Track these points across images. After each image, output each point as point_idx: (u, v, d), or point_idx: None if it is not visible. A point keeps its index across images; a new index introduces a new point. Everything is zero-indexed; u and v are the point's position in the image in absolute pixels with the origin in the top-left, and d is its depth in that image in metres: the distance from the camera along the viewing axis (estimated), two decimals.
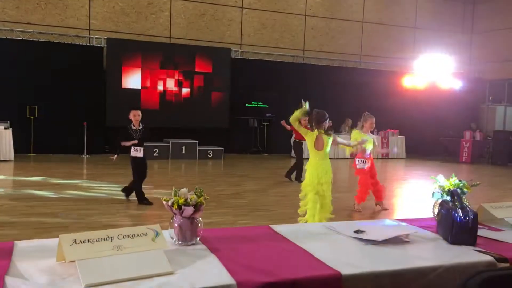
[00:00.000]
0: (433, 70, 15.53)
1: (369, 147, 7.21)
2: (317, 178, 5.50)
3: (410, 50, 17.79)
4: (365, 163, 7.23)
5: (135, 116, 7.09)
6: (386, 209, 7.53)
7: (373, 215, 7.27)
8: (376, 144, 7.61)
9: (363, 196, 7.49)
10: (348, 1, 17.21)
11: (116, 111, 13.61)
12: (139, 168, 7.20)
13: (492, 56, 18.20)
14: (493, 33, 18.31)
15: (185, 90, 14.71)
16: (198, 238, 2.15)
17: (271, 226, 2.55)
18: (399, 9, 17.98)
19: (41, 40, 13.27)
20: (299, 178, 9.76)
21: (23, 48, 12.90)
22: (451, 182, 2.60)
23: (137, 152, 7.08)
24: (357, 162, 7.33)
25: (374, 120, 7.31)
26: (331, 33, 17.09)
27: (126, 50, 13.86)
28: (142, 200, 7.20)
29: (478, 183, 2.75)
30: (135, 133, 7.08)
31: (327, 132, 5.57)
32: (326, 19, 16.94)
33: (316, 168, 5.52)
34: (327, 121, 5.59)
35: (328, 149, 5.58)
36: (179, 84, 14.63)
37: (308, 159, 5.77)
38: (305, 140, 8.48)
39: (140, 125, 7.17)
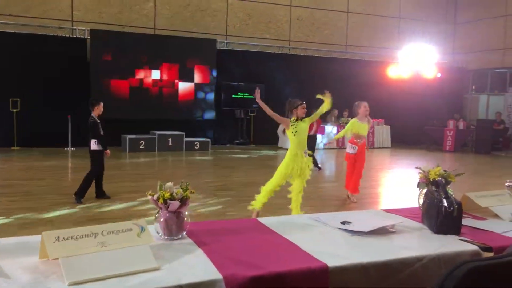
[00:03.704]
0: (418, 60, 15.63)
1: (362, 133, 7.27)
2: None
3: (395, 40, 17.87)
4: (354, 148, 7.25)
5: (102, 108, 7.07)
6: (354, 202, 7.34)
7: (357, 206, 7.32)
8: (370, 127, 7.63)
9: (347, 182, 7.48)
10: None
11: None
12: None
13: (475, 46, 18.38)
14: (475, 23, 18.47)
15: (171, 82, 14.59)
16: (184, 232, 2.13)
17: (258, 218, 2.55)
18: None
19: (24, 32, 13.02)
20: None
21: (5, 40, 12.66)
22: (436, 172, 2.62)
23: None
24: (347, 146, 7.44)
25: (366, 103, 7.36)
26: (316, 23, 17.07)
27: (110, 42, 13.67)
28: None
29: (462, 173, 2.77)
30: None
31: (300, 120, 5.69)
32: (311, 9, 16.91)
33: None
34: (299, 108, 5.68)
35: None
36: (165, 76, 14.51)
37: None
38: (309, 133, 8.75)
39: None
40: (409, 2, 18.43)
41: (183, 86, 14.74)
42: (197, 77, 14.88)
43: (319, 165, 10.67)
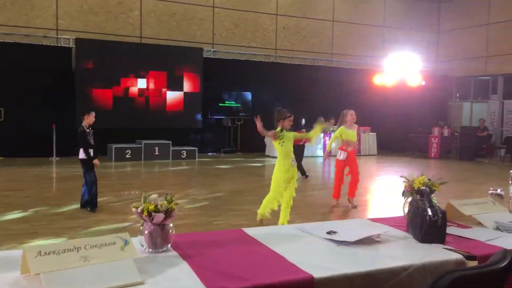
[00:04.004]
0: (402, 68, 15.81)
1: (352, 140, 7.52)
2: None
3: (380, 49, 18.07)
4: (344, 155, 7.48)
5: (94, 117, 7.03)
6: (354, 207, 7.54)
7: (344, 214, 7.35)
8: (358, 135, 7.85)
9: (335, 190, 7.64)
10: (318, 0, 17.36)
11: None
12: None
13: (458, 54, 18.67)
14: (458, 32, 18.78)
15: (157, 91, 14.54)
16: (169, 245, 2.11)
17: (244, 229, 2.53)
18: (368, 8, 18.25)
19: (7, 41, 12.88)
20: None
21: None
22: (420, 181, 2.64)
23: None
24: (337, 153, 7.65)
25: (353, 112, 7.60)
26: (302, 32, 17.20)
27: (95, 50, 13.58)
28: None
29: (446, 181, 2.80)
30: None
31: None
32: (297, 18, 17.04)
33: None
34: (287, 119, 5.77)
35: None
36: (151, 85, 14.45)
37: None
38: (298, 143, 9.02)
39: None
40: (393, 11, 18.69)
41: (170, 95, 14.70)
42: (185, 86, 14.86)
43: (306, 174, 10.71)
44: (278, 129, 5.74)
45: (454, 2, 18.96)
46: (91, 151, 6.87)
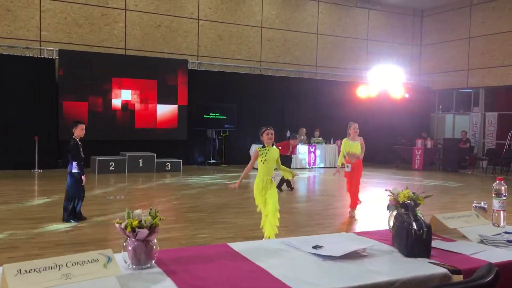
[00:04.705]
0: (386, 81, 16.00)
1: (354, 151, 7.89)
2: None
3: (363, 61, 18.30)
4: (348, 167, 7.97)
5: (83, 130, 6.98)
6: (352, 216, 7.88)
7: (330, 227, 7.35)
8: (362, 147, 8.07)
9: (351, 200, 8.01)
10: (303, 13, 17.54)
11: (69, 124, 13.21)
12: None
13: (440, 67, 19.00)
14: (440, 45, 19.13)
15: (142, 102, 14.46)
16: (153, 261, 2.07)
17: (229, 244, 2.50)
18: (352, 21, 18.50)
19: None
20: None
21: None
22: (405, 194, 2.65)
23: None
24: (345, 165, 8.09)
25: (357, 125, 8.12)
26: (287, 44, 17.34)
27: (79, 62, 13.49)
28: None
29: (430, 194, 2.82)
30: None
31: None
32: (282, 31, 17.18)
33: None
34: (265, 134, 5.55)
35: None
36: (136, 97, 14.38)
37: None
38: (285, 153, 9.13)
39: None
40: (376, 24, 18.97)
41: (154, 107, 14.63)
42: (169, 98, 14.81)
43: (292, 186, 10.71)
44: (266, 147, 5.52)
45: (437, 16, 19.35)
46: (83, 165, 6.84)
